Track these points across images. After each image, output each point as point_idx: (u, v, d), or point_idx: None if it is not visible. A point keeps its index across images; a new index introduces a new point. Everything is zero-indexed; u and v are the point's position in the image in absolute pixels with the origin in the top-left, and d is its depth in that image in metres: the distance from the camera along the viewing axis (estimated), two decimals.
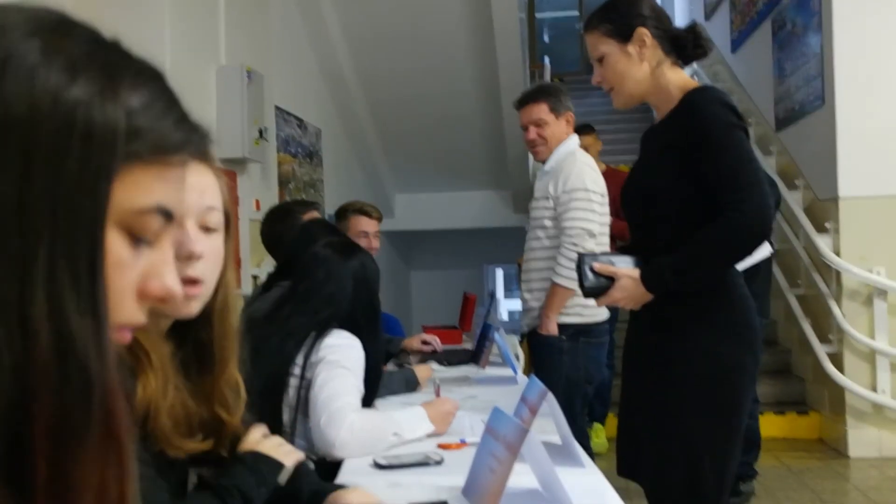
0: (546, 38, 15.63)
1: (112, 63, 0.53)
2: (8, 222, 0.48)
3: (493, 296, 3.96)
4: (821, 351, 5.17)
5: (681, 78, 2.14)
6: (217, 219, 1.20)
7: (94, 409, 0.50)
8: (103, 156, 0.51)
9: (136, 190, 0.53)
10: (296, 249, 2.37)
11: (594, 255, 2.19)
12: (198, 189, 1.18)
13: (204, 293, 1.17)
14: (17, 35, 0.50)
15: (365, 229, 3.67)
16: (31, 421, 0.48)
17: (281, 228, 3.02)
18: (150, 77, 0.55)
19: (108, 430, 0.51)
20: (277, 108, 5.59)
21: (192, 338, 1.18)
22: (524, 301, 3.45)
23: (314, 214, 3.23)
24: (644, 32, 2.14)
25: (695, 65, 8.87)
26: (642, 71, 2.15)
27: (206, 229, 1.19)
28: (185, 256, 1.15)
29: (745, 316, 2.07)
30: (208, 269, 1.18)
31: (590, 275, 2.15)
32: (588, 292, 2.17)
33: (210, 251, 1.18)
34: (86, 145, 0.50)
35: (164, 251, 0.58)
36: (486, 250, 10.43)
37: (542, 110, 3.41)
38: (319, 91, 6.87)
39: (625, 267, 2.13)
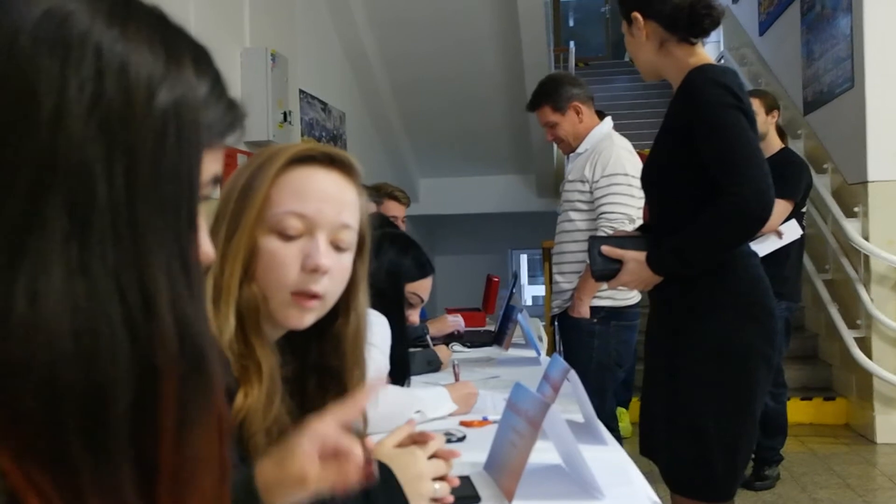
0: (571, 22, 15.53)
1: (180, 44, 0.55)
2: (120, 216, 0.50)
3: (516, 276, 3.95)
4: (848, 336, 5.12)
5: (688, 55, 2.12)
6: (350, 238, 1.17)
7: (210, 389, 0.53)
8: (193, 147, 0.53)
9: (206, 168, 0.56)
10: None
11: (604, 238, 2.21)
12: (337, 204, 1.15)
13: (320, 308, 1.14)
14: (91, 22, 0.51)
15: (395, 214, 3.68)
16: (159, 401, 0.50)
17: None
18: (208, 58, 0.57)
19: (217, 410, 0.54)
20: (301, 91, 5.60)
21: (315, 359, 1.16)
22: (555, 283, 3.44)
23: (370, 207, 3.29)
24: (636, 16, 2.16)
25: (722, 47, 8.79)
26: (647, 50, 2.17)
27: (337, 247, 1.16)
28: (310, 268, 1.12)
29: (758, 297, 2.05)
30: (332, 286, 1.14)
31: (598, 258, 2.16)
32: (598, 275, 2.19)
33: (337, 268, 1.15)
34: (180, 137, 0.52)
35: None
36: (510, 235, 10.43)
37: (546, 114, 3.40)
38: (344, 74, 6.87)
39: (634, 250, 2.14)
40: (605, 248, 2.15)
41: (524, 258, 12.10)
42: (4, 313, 0.47)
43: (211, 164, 0.57)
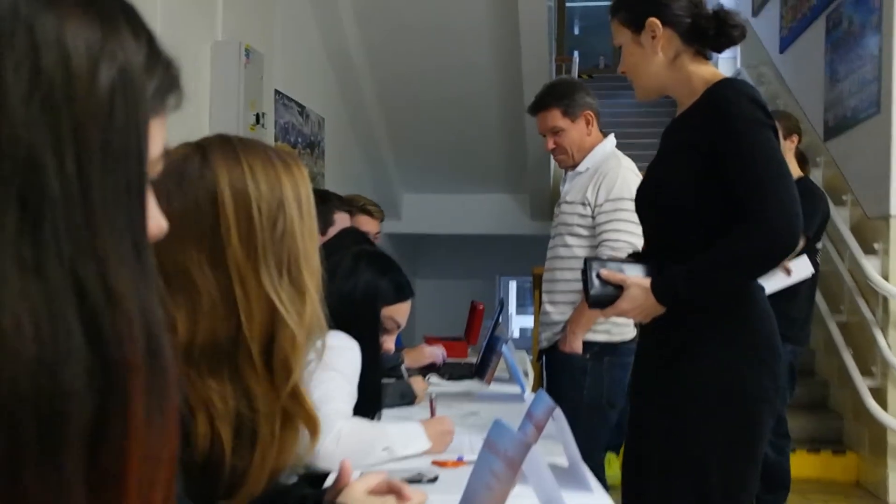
0: (576, 30, 15.67)
1: (110, 4, 0.55)
2: (73, 204, 0.50)
3: (503, 304, 3.95)
4: (862, 385, 5.14)
5: (705, 70, 2.14)
6: None
7: (169, 380, 0.55)
8: (141, 120, 0.55)
9: (153, 142, 0.57)
10: (334, 243, 2.42)
11: (602, 261, 2.20)
12: None
13: None
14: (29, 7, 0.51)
15: (367, 229, 3.67)
16: (127, 400, 0.52)
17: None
18: (138, 16, 0.57)
19: (174, 403, 0.56)
20: (277, 91, 5.61)
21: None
22: (545, 314, 3.44)
23: (344, 218, 3.28)
24: (654, 23, 2.14)
25: (738, 64, 8.88)
26: (656, 63, 2.16)
27: None
28: None
29: (765, 336, 2.06)
30: None
31: (596, 282, 2.16)
32: (593, 301, 2.18)
33: None
34: (128, 111, 0.53)
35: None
36: (500, 260, 10.45)
37: (554, 117, 3.39)
38: (325, 76, 6.89)
39: (635, 275, 2.13)
40: (605, 272, 2.15)
41: (513, 285, 12.12)
42: None
43: (157, 136, 0.58)
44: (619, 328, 3.28)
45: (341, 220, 3.50)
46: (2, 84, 0.49)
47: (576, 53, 10.86)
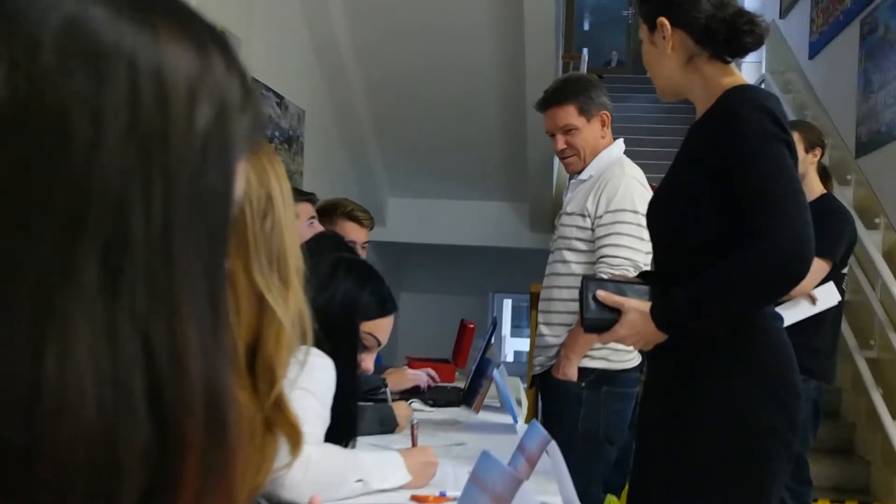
0: (586, 26, 15.74)
1: (202, 32, 0.56)
2: (155, 256, 0.51)
3: (495, 324, 3.94)
4: (893, 428, 5.14)
5: (723, 74, 2.15)
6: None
7: (230, 461, 0.55)
8: (231, 162, 0.55)
9: (237, 185, 0.58)
10: (309, 249, 2.41)
11: (601, 281, 2.21)
12: None
13: None
14: (118, 25, 0.51)
15: (353, 238, 3.67)
16: (179, 479, 0.51)
17: None
18: (228, 44, 0.58)
19: (233, 484, 0.55)
20: (254, 80, 5.60)
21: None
22: (540, 336, 3.44)
23: (306, 208, 3.27)
24: (663, 23, 2.17)
25: (763, 69, 8.92)
26: (669, 64, 2.19)
27: None
28: None
29: (779, 368, 2.07)
30: None
31: (592, 304, 2.17)
32: (589, 325, 2.19)
33: None
34: (220, 152, 0.54)
35: None
36: (494, 275, 10.45)
37: (569, 114, 3.39)
38: (307, 65, 6.89)
39: (636, 298, 2.14)
40: (602, 293, 2.16)
41: (508, 304, 12.13)
42: (32, 385, 0.47)
43: (240, 179, 0.58)
44: (619, 355, 3.27)
45: (304, 211, 3.49)
46: (101, 126, 0.49)
47: (585, 51, 10.91)
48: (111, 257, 0.49)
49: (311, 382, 2.07)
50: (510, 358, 11.89)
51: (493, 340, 3.70)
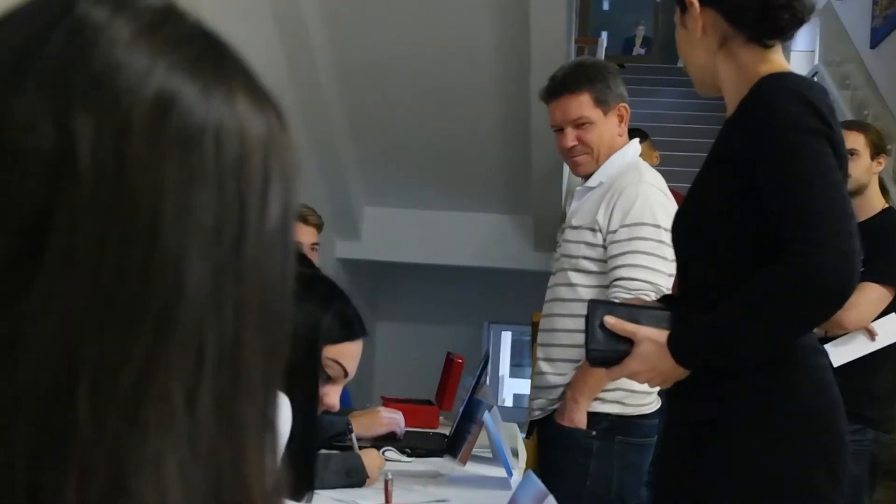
0: (605, 4, 15.82)
1: (256, 85, 0.63)
2: (224, 372, 0.56)
3: (487, 357, 3.95)
4: None
5: (758, 60, 2.17)
6: None
7: None
8: (291, 255, 0.62)
9: None
10: None
11: (610, 306, 2.22)
12: None
13: None
14: (207, 98, 0.57)
15: (301, 240, 3.68)
16: None
17: None
18: (268, 94, 0.65)
19: None
20: None
21: None
22: (540, 373, 3.45)
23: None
24: (691, 1, 2.21)
25: (817, 60, 8.96)
26: (701, 49, 2.23)
27: None
28: None
29: (820, 413, 2.08)
30: None
31: (599, 333, 2.18)
32: (594, 358, 2.21)
33: None
34: (285, 246, 0.61)
35: None
36: (490, 301, 10.41)
37: (583, 104, 3.40)
38: (268, 44, 6.88)
39: (652, 326, 2.15)
40: (611, 320, 2.16)
41: (507, 337, 12.09)
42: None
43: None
44: (637, 397, 3.27)
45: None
46: (191, 226, 0.54)
47: (603, 35, 10.97)
48: (190, 372, 0.54)
49: None
50: (509, 402, 11.87)
51: (485, 379, 3.69)
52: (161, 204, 0.53)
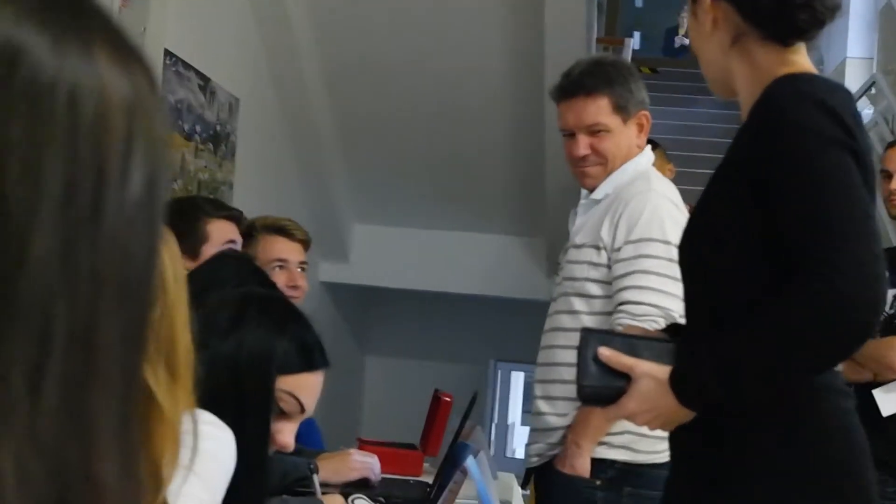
0: (639, 2, 15.81)
1: (125, 42, 0.63)
2: (74, 359, 0.56)
3: (475, 396, 3.93)
4: None
5: (779, 62, 2.17)
6: None
7: None
8: (160, 229, 0.64)
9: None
10: (202, 279, 2.41)
11: (605, 336, 2.21)
12: None
13: None
14: (57, 51, 0.57)
15: (282, 256, 3.70)
16: None
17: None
18: (135, 47, 0.65)
19: None
20: (169, 53, 5.63)
21: None
22: (538, 413, 3.47)
23: (225, 227, 3.27)
24: None
25: (875, 68, 8.92)
26: (712, 45, 2.24)
27: None
28: None
29: (847, 463, 2.07)
30: None
31: (592, 366, 2.18)
32: (586, 395, 2.22)
33: None
34: (151, 217, 0.62)
35: None
36: (497, 335, 10.37)
37: (601, 109, 3.39)
38: (246, 38, 6.90)
39: (652, 360, 2.15)
40: (606, 352, 2.17)
41: (518, 378, 12.05)
42: None
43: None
44: (648, 442, 3.25)
45: (219, 232, 3.44)
46: (40, 186, 0.55)
47: (636, 35, 10.96)
48: (35, 355, 0.54)
49: (197, 463, 2.06)
50: (519, 453, 11.77)
51: (468, 420, 3.67)
52: (5, 163, 0.53)
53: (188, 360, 1.44)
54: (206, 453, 2.09)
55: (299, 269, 3.79)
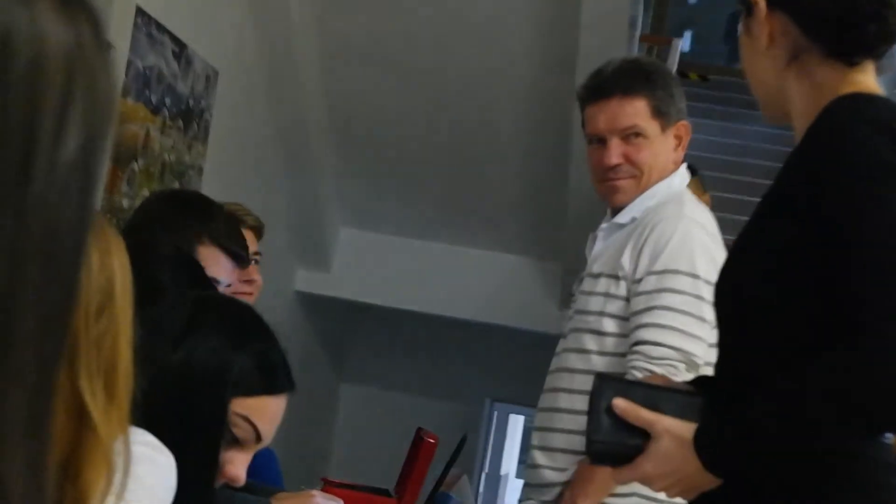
0: None
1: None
2: None
3: (464, 440, 3.92)
4: None
5: (843, 82, 2.18)
6: None
7: None
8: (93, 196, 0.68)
9: None
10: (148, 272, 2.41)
11: (623, 384, 2.22)
12: None
13: None
14: None
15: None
16: None
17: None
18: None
19: None
20: (141, 11, 5.64)
21: None
22: (532, 467, 3.49)
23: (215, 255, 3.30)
24: (755, 0, 2.23)
25: None
26: (766, 64, 2.27)
27: None
28: None
29: None
30: None
31: (605, 419, 2.18)
32: (596, 452, 2.23)
33: None
34: (86, 186, 0.65)
35: None
36: (496, 371, 10.38)
37: (639, 112, 3.42)
38: (232, 2, 6.92)
39: (675, 415, 2.15)
40: (622, 404, 2.16)
41: (516, 422, 12.08)
42: None
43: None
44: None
45: (210, 260, 3.46)
46: None
47: (687, 36, 10.97)
48: None
49: (133, 488, 2.05)
50: None
51: (451, 468, 3.67)
52: None
53: (127, 381, 1.47)
54: (138, 479, 2.07)
55: (252, 261, 3.78)
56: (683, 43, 10.70)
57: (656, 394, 2.22)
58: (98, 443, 1.37)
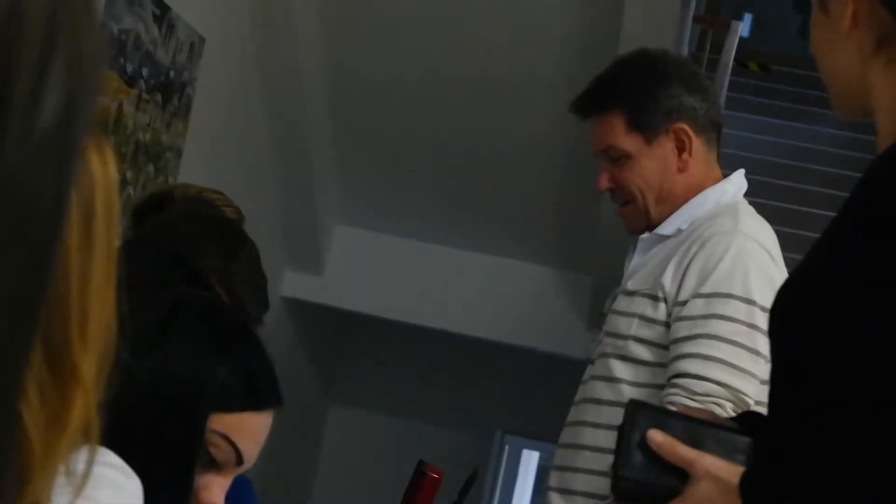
0: None
1: None
2: None
3: (475, 474, 3.95)
4: None
5: None
6: None
7: None
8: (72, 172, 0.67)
9: None
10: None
11: (662, 414, 2.23)
12: None
13: None
14: None
15: None
16: None
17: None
18: None
19: None
20: None
21: None
22: None
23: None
24: None
25: None
26: (846, 50, 2.20)
27: None
28: None
29: None
30: None
31: (637, 455, 2.19)
32: (624, 488, 2.25)
33: None
34: (65, 161, 0.65)
35: None
36: (510, 400, 10.33)
37: (612, 129, 3.47)
38: None
39: (718, 455, 2.16)
40: (658, 437, 2.18)
41: (530, 458, 12.00)
42: None
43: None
44: None
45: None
46: None
47: (747, 19, 10.91)
48: None
49: None
50: None
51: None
52: None
53: (99, 375, 1.40)
54: (104, 499, 2.12)
55: None
56: (743, 27, 10.59)
57: (698, 428, 2.21)
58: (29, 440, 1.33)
